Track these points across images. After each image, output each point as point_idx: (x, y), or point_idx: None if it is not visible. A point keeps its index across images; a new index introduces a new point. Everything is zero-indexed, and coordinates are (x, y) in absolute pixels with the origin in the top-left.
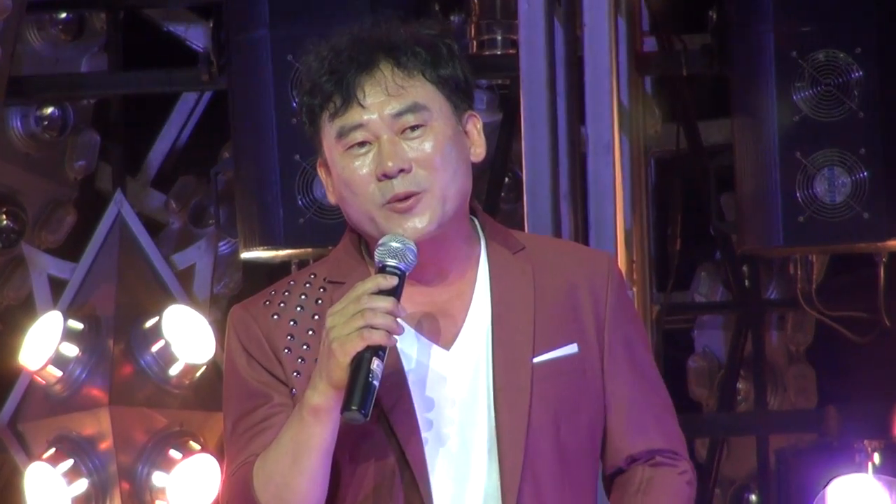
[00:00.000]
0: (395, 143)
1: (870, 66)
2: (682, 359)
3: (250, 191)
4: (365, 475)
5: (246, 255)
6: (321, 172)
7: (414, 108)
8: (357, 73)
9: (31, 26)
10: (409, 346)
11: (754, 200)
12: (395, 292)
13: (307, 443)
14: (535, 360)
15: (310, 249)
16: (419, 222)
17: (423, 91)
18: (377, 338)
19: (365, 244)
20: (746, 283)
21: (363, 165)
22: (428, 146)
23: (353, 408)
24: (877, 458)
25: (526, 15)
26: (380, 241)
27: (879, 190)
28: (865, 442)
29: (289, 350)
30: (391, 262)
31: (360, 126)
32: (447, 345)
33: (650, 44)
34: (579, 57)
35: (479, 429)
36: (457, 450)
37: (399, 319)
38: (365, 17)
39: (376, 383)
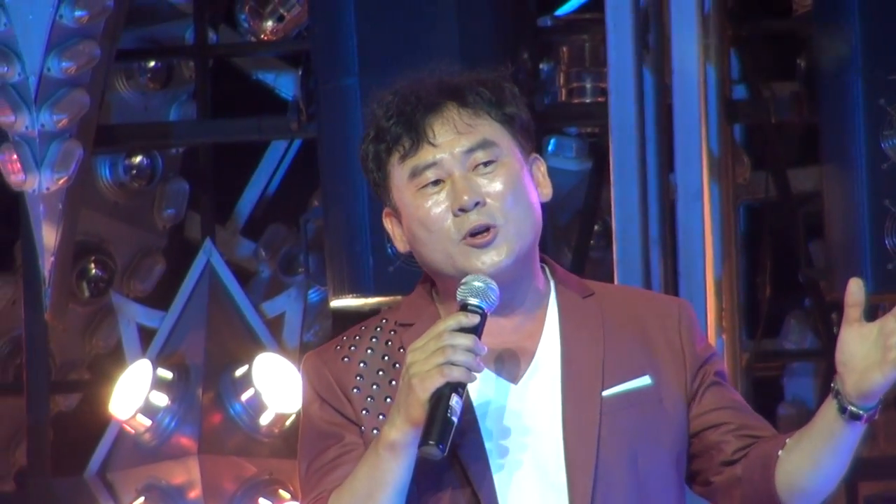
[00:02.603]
0: (469, 179)
1: None
2: (772, 407)
3: (340, 239)
4: None
5: (335, 303)
6: (387, 223)
7: (484, 145)
8: (425, 113)
9: (120, 75)
10: (480, 381)
11: (843, 248)
12: (476, 330)
13: (382, 478)
14: (605, 393)
15: (399, 297)
16: (496, 255)
17: (490, 129)
18: (457, 374)
19: (436, 291)
20: (836, 330)
21: (438, 203)
22: (500, 181)
23: (431, 442)
24: None
25: (615, 63)
26: (462, 281)
27: None
28: None
29: (357, 389)
30: (473, 300)
31: (432, 164)
32: (516, 380)
33: (739, 91)
34: (668, 105)
35: (549, 463)
36: (528, 484)
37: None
38: (455, 66)
39: (455, 419)
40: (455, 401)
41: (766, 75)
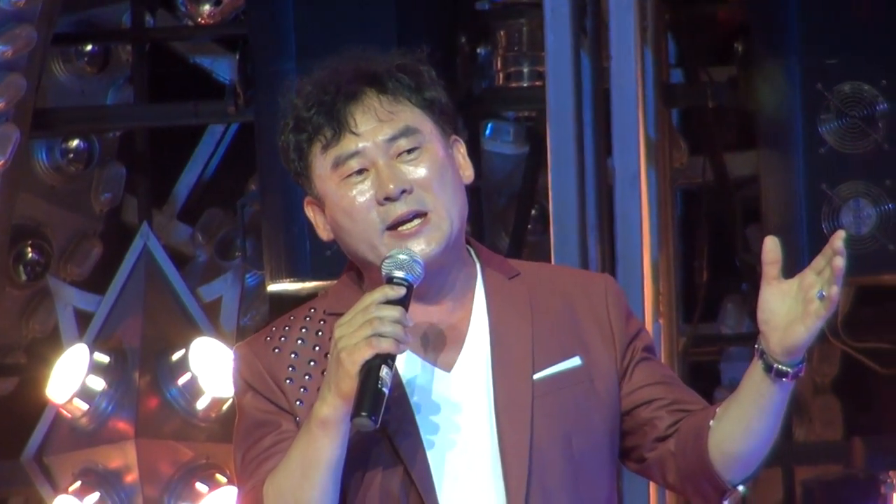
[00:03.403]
0: (393, 167)
1: (895, 97)
2: (709, 391)
3: (277, 223)
4: (371, 498)
5: (273, 287)
6: (309, 211)
7: (407, 132)
8: (346, 102)
9: (57, 59)
10: (411, 370)
11: (780, 232)
12: (402, 302)
13: (316, 456)
14: (536, 376)
15: (336, 282)
16: (427, 245)
17: (412, 115)
18: (385, 345)
19: (362, 278)
20: None
21: (362, 192)
22: (425, 167)
23: (364, 414)
24: None
25: (552, 47)
26: (387, 254)
27: None
28: (891, 473)
29: (290, 380)
30: (398, 273)
31: (355, 154)
32: (448, 367)
33: (677, 76)
34: (606, 89)
35: (483, 449)
36: (462, 470)
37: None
38: (391, 50)
39: (386, 390)
40: (385, 372)
41: (703, 60)
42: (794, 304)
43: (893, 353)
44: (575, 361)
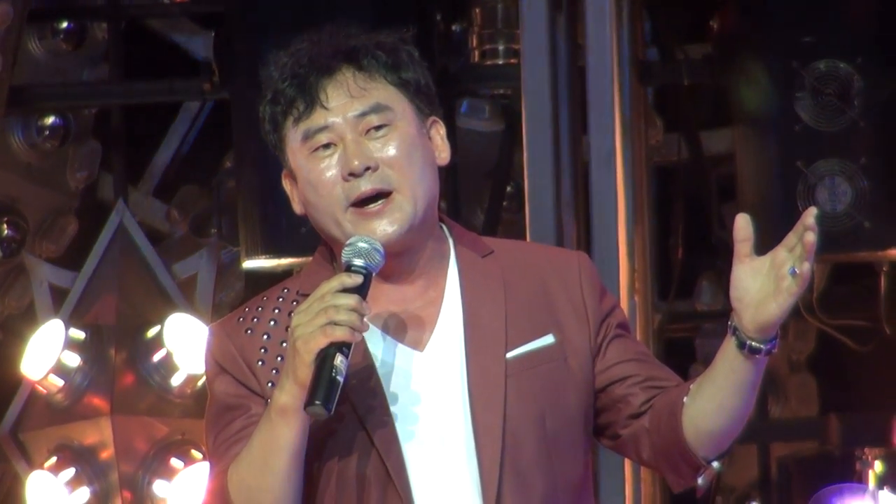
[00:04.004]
0: (361, 143)
1: (870, 75)
2: (684, 367)
3: (253, 200)
4: (344, 481)
5: (248, 264)
6: (286, 184)
7: (377, 109)
8: (319, 76)
9: (33, 35)
10: (383, 350)
11: (756, 210)
12: (360, 290)
13: (276, 444)
14: (509, 355)
15: (310, 258)
16: (389, 226)
17: (384, 93)
18: (340, 334)
19: (334, 256)
20: None
21: (329, 167)
22: (393, 145)
23: (318, 402)
24: (878, 466)
25: (528, 25)
26: (347, 241)
27: (880, 199)
28: (867, 450)
29: (262, 362)
30: (357, 261)
31: (324, 128)
32: (420, 347)
33: (652, 54)
34: (581, 67)
35: (456, 428)
36: (435, 450)
37: (372, 324)
38: (365, 27)
39: (340, 379)
40: (340, 360)
41: (679, 37)
42: (766, 282)
43: (869, 329)
44: (548, 339)
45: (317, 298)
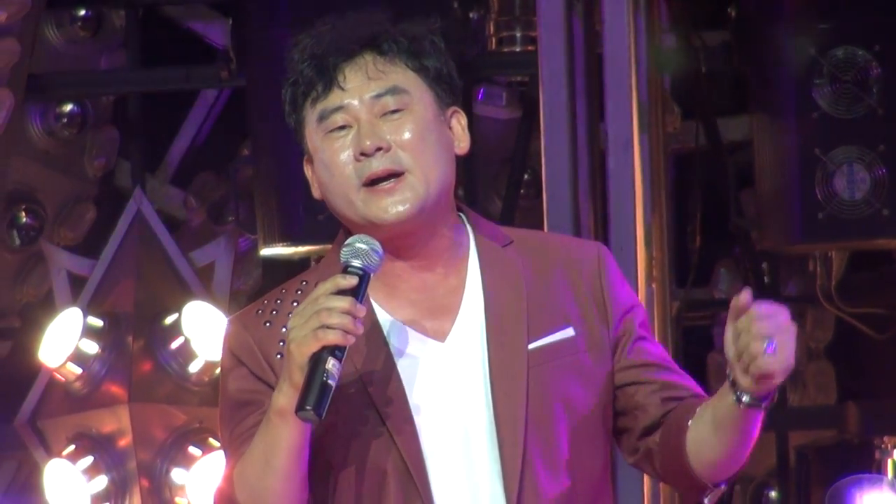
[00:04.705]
0: (374, 124)
1: (888, 62)
2: (701, 355)
3: (270, 188)
4: (363, 475)
5: (265, 251)
6: (307, 168)
7: (394, 91)
8: (338, 58)
9: (51, 23)
10: (403, 341)
11: (774, 197)
12: (355, 293)
13: (277, 444)
14: (531, 346)
15: (329, 246)
16: (401, 205)
17: (403, 76)
18: (332, 337)
19: None
20: (766, 279)
21: (343, 148)
22: (407, 128)
23: (308, 407)
24: None
25: (545, 12)
26: (346, 242)
27: None
28: (885, 438)
29: (281, 355)
30: (355, 262)
31: (339, 108)
32: (441, 337)
33: (669, 40)
34: (598, 54)
35: (477, 419)
36: (456, 442)
37: (392, 314)
38: (383, 14)
39: (332, 383)
40: (332, 364)
41: (696, 24)
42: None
43: (887, 317)
44: (568, 332)
45: (311, 301)
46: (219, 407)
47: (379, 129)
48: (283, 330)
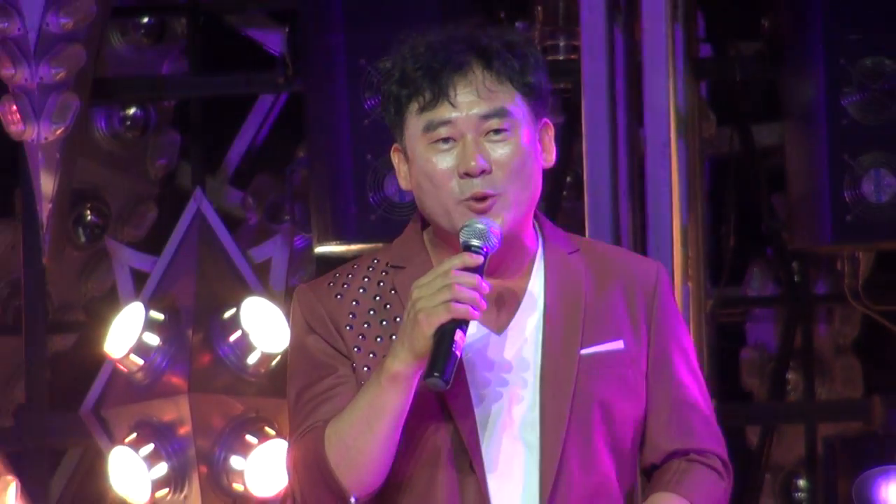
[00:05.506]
0: (479, 144)
1: None
2: (735, 350)
3: (324, 188)
4: (420, 450)
5: (319, 249)
6: (395, 157)
7: (501, 113)
8: (451, 71)
9: (116, 30)
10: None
11: (804, 200)
12: (479, 270)
13: (383, 408)
14: (582, 352)
15: (380, 244)
16: (496, 224)
17: (510, 97)
18: (462, 311)
19: (429, 235)
20: (796, 278)
21: (445, 160)
22: (509, 152)
23: (436, 374)
24: None
25: (588, 22)
26: (465, 223)
27: None
28: None
29: (350, 327)
30: (476, 242)
31: (448, 122)
32: (499, 330)
33: (706, 50)
34: (638, 62)
35: (525, 410)
36: (505, 427)
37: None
38: (436, 24)
39: (458, 353)
40: (459, 336)
41: (731, 34)
42: None
43: None
44: (618, 344)
45: (440, 274)
46: (289, 367)
47: (483, 150)
48: (353, 303)
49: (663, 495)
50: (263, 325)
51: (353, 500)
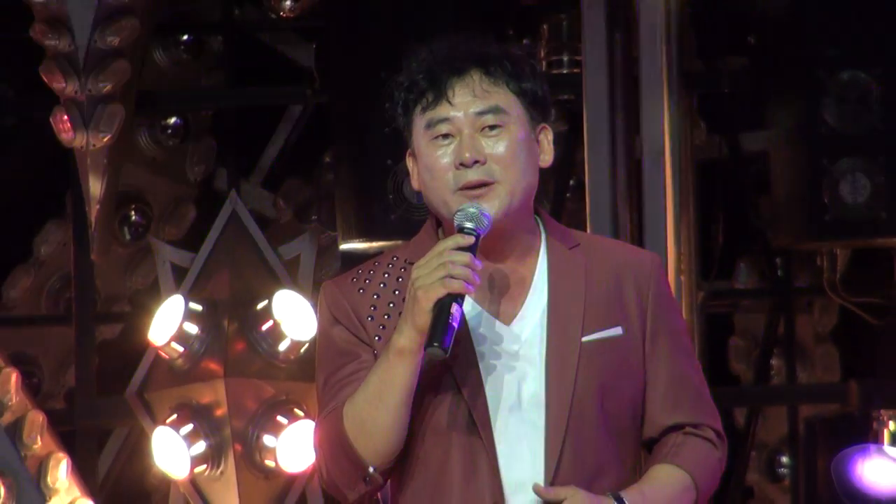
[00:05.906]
0: (474, 139)
1: (889, 84)
2: (724, 338)
3: (349, 191)
4: (435, 425)
5: (344, 246)
6: (409, 161)
7: (495, 110)
8: (450, 75)
9: (158, 47)
10: (477, 320)
11: (787, 201)
12: (471, 249)
13: (392, 381)
14: (584, 339)
15: (399, 242)
16: (488, 209)
17: (504, 98)
18: (457, 286)
19: (443, 231)
20: (780, 273)
21: (444, 155)
22: (502, 144)
23: (436, 344)
24: (892, 426)
25: (589, 39)
26: (459, 207)
27: None
28: (882, 412)
29: (372, 318)
30: (468, 224)
31: (446, 120)
32: (507, 320)
33: (697, 65)
34: (635, 76)
35: (531, 394)
36: (513, 409)
37: (468, 297)
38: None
39: (455, 325)
40: (455, 309)
41: (720, 50)
42: None
43: (884, 306)
44: (617, 331)
45: (435, 255)
46: (317, 357)
47: (478, 144)
48: (375, 297)
49: (661, 467)
50: (293, 316)
51: (371, 469)
